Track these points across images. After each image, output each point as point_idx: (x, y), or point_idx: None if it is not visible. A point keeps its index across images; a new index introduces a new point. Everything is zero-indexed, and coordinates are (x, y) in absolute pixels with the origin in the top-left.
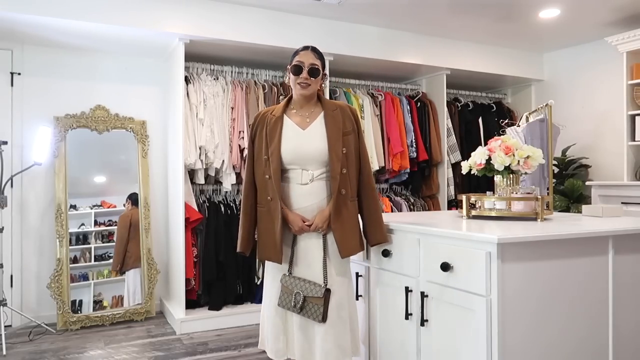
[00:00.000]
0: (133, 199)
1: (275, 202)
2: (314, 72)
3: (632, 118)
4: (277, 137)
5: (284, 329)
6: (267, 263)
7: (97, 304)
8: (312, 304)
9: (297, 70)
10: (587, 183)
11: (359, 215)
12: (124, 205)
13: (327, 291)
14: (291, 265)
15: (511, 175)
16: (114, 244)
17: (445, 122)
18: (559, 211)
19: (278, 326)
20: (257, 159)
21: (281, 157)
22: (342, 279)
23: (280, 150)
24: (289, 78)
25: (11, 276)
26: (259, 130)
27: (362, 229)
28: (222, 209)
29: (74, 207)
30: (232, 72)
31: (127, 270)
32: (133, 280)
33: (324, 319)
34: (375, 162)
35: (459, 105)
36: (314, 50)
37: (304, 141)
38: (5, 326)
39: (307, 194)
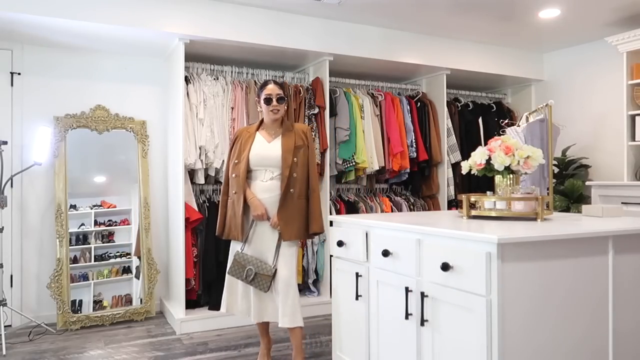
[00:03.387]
0: None
1: (239, 195)
2: (280, 100)
3: (632, 118)
4: (249, 146)
5: (239, 291)
6: (232, 242)
7: (97, 304)
8: (261, 279)
9: (268, 101)
10: (587, 183)
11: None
12: None
13: (276, 271)
14: (244, 244)
15: (511, 175)
16: (114, 243)
17: (445, 122)
18: (559, 211)
19: (233, 288)
20: (229, 163)
21: (249, 160)
22: (290, 260)
23: (249, 155)
24: (261, 107)
25: (11, 276)
26: (236, 142)
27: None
28: None
29: (74, 207)
30: (232, 72)
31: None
32: None
33: (268, 289)
34: (375, 162)
35: (459, 105)
36: (275, 82)
37: (267, 150)
38: (5, 326)
39: (267, 189)
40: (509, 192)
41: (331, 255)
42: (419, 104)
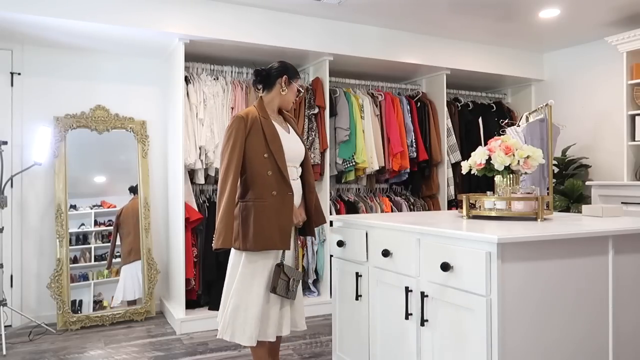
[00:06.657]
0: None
1: (287, 195)
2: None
3: (632, 118)
4: (277, 137)
5: (276, 311)
6: (248, 254)
7: (97, 304)
8: (297, 286)
9: (299, 92)
10: (587, 183)
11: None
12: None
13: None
14: (283, 256)
15: (511, 175)
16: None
17: (445, 122)
18: (559, 211)
19: (271, 310)
20: (253, 157)
21: (285, 156)
22: None
23: (285, 150)
24: (286, 91)
25: (11, 276)
26: (254, 130)
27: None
28: None
29: (74, 207)
30: (232, 72)
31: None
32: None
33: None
34: (375, 162)
35: (459, 105)
36: None
37: (294, 144)
38: (5, 326)
39: (296, 188)
40: (509, 192)
41: (331, 255)
42: (419, 104)
